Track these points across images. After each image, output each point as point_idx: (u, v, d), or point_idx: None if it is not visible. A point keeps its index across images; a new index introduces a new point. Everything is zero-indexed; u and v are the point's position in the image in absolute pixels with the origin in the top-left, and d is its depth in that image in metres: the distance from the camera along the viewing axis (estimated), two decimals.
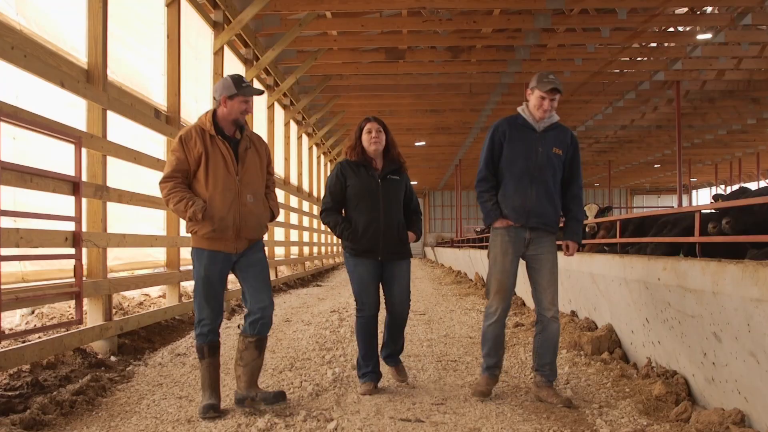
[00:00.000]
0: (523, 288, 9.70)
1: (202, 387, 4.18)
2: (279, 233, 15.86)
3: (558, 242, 4.39)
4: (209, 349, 4.14)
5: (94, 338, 5.84)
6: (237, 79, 4.13)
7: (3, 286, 4.51)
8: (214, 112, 4.13)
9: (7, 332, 5.68)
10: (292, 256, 17.48)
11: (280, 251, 15.92)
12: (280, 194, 15.84)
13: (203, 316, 4.11)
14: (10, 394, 4.46)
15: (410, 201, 4.69)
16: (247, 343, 4.14)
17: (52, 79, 5.40)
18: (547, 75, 4.28)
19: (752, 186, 36.38)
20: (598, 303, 5.80)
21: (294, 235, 17.82)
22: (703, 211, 5.63)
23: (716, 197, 7.56)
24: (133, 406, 4.29)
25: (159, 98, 8.44)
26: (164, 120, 8.45)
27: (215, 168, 4.03)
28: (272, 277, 14.46)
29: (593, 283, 5.73)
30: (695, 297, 3.67)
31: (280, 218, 15.81)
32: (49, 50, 5.83)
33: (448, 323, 7.80)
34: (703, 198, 51.43)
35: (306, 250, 20.07)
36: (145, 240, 7.57)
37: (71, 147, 5.48)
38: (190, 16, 9.73)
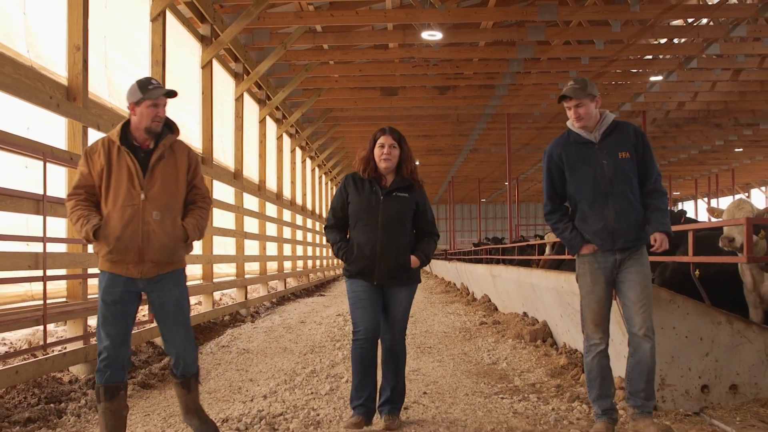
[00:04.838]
0: (492, 290, 11.57)
1: None
2: (287, 249, 17.81)
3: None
4: (105, 391, 3.54)
5: (158, 334, 7.77)
6: (143, 82, 3.65)
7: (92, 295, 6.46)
8: (128, 122, 3.68)
9: None
10: (297, 269, 19.43)
11: (288, 264, 17.85)
12: (287, 214, 17.74)
13: (101, 348, 3.54)
14: None
15: (422, 221, 4.25)
16: (174, 383, 3.82)
17: None
18: (569, 83, 3.90)
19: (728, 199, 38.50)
20: (537, 305, 7.77)
21: (299, 250, 19.78)
22: None
23: None
24: (205, 376, 6.23)
25: (196, 143, 10.43)
26: (201, 162, 10.45)
27: (118, 183, 3.57)
28: (281, 288, 16.36)
29: (533, 291, 7.70)
30: (570, 297, 5.62)
31: (287, 234, 17.74)
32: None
33: (430, 323, 9.73)
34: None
35: (310, 263, 22.05)
36: (189, 258, 9.56)
37: None
38: (216, 70, 11.74)
